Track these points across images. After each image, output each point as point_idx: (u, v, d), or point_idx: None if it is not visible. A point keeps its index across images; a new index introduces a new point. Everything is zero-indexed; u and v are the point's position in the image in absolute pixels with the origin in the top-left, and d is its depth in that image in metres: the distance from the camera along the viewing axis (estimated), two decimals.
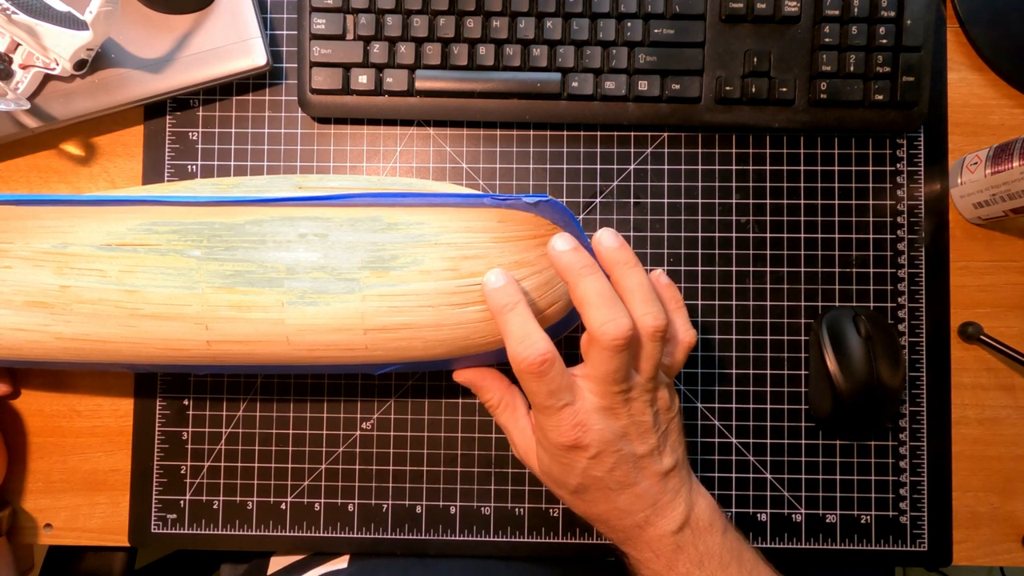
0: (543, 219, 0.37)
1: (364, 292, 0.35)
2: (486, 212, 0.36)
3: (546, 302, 0.37)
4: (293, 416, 0.46)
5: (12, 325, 0.36)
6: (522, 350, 0.33)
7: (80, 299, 0.35)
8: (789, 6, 0.44)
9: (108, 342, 0.36)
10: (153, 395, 0.46)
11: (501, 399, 0.40)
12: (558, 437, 0.34)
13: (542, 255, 0.37)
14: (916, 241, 0.46)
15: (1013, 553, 0.46)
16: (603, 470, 0.35)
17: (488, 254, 0.35)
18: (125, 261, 0.35)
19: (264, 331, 0.35)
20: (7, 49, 0.41)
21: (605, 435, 0.34)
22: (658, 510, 0.36)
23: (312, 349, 0.36)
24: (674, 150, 0.47)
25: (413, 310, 0.35)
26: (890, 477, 0.46)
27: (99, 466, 0.46)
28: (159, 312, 0.35)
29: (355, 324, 0.35)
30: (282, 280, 0.35)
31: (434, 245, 0.35)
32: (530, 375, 0.33)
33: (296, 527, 0.46)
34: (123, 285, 0.35)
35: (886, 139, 0.47)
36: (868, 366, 0.42)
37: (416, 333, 0.35)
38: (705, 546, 0.36)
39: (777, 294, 0.46)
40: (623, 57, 0.44)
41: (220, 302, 0.35)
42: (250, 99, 0.47)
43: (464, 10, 0.44)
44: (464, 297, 0.35)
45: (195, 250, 0.35)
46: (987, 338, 0.45)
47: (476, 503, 0.46)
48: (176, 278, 0.35)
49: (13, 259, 0.35)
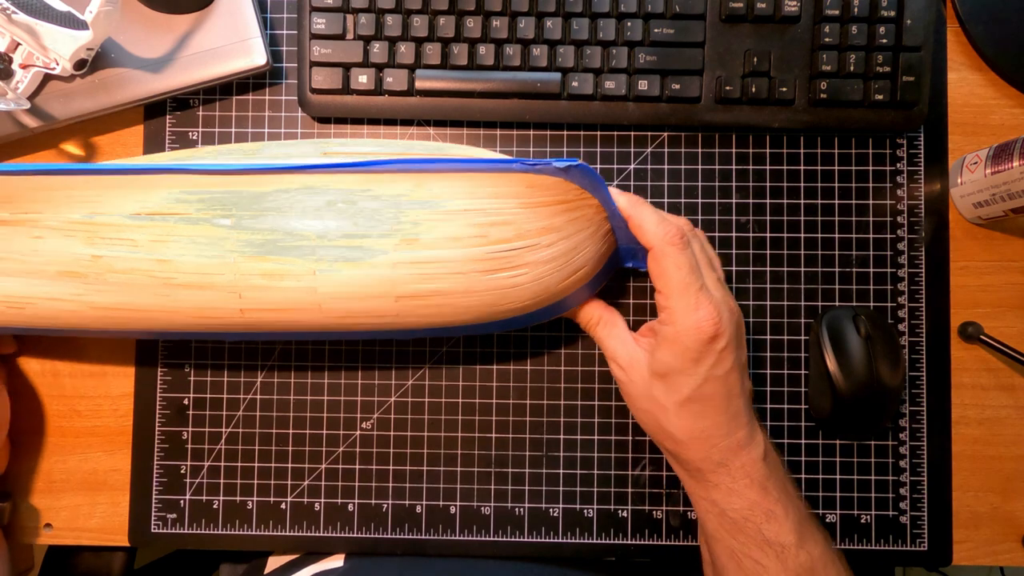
0: (571, 184, 0.37)
1: (394, 259, 0.35)
2: (515, 177, 0.36)
3: (572, 267, 0.38)
4: (293, 416, 0.46)
5: (47, 295, 0.36)
6: (666, 226, 0.37)
7: (112, 269, 0.35)
8: (789, 6, 0.44)
9: (142, 311, 0.36)
10: (154, 395, 0.46)
11: (600, 316, 0.41)
12: (700, 322, 0.35)
13: (570, 221, 0.37)
14: (916, 241, 0.46)
15: (1013, 553, 0.46)
16: (724, 368, 0.36)
17: (516, 220, 0.36)
18: (155, 231, 0.35)
19: (297, 299, 0.35)
20: (7, 49, 0.41)
21: (729, 326, 0.36)
22: (752, 431, 0.37)
23: (344, 316, 0.36)
24: (674, 150, 0.47)
25: (443, 277, 0.35)
26: (890, 477, 0.45)
27: (99, 466, 0.46)
28: (192, 281, 0.35)
29: (386, 291, 0.35)
30: (313, 248, 0.35)
31: (463, 212, 0.35)
32: (677, 246, 0.36)
33: (296, 527, 0.46)
34: (154, 255, 0.35)
35: (886, 139, 0.47)
36: (868, 366, 0.42)
37: (446, 300, 0.36)
38: (781, 474, 0.37)
39: (777, 294, 0.46)
40: (623, 57, 0.44)
41: (252, 271, 0.35)
42: (250, 99, 0.47)
43: (464, 10, 0.44)
44: (494, 263, 0.35)
45: (225, 219, 0.35)
46: (987, 338, 0.45)
47: (476, 503, 0.46)
48: (207, 247, 0.35)
49: (43, 229, 0.36)
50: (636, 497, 0.46)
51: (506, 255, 0.35)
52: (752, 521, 0.36)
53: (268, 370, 0.46)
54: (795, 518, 0.36)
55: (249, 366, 0.46)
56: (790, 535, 0.35)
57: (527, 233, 0.36)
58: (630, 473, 0.46)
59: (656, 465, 0.46)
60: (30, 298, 0.36)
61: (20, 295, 0.36)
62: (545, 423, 0.46)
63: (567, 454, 0.46)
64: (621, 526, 0.46)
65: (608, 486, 0.46)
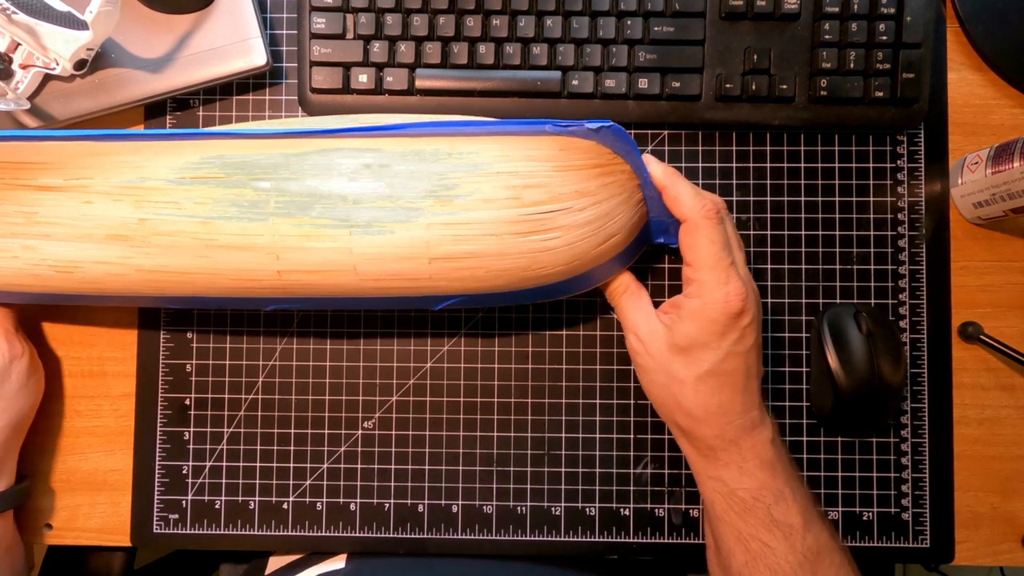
0: (604, 148, 0.37)
1: (429, 220, 0.35)
2: (547, 140, 0.37)
3: (606, 233, 0.38)
4: (295, 416, 0.46)
5: (95, 259, 0.37)
6: (702, 199, 0.37)
7: (157, 231, 0.37)
8: (789, 3, 0.44)
9: (185, 273, 0.37)
10: (155, 395, 0.46)
11: (628, 286, 0.41)
12: (729, 296, 0.36)
13: (603, 185, 0.37)
14: (917, 238, 0.46)
15: (1013, 553, 0.46)
16: (747, 344, 0.37)
17: (550, 183, 0.36)
18: (198, 193, 0.36)
19: (333, 260, 0.36)
20: (7, 49, 0.41)
21: (754, 305, 0.37)
22: (763, 413, 0.38)
23: (379, 279, 0.37)
24: (674, 148, 0.47)
25: (477, 239, 0.36)
26: (892, 474, 0.46)
27: (99, 466, 0.46)
28: (232, 242, 0.36)
29: (420, 253, 0.36)
30: (349, 210, 0.36)
31: (496, 174, 0.36)
32: (712, 220, 0.37)
33: (298, 527, 0.46)
34: (197, 217, 0.36)
35: (886, 136, 0.47)
36: (869, 363, 0.42)
37: (480, 262, 0.36)
38: (788, 458, 0.38)
39: (778, 291, 0.46)
40: (623, 55, 0.44)
41: (290, 231, 0.36)
42: (250, 99, 0.47)
43: (464, 9, 0.44)
44: (527, 226, 0.36)
45: (264, 181, 0.36)
46: (987, 338, 0.45)
47: (478, 502, 0.46)
48: (247, 209, 0.36)
49: (93, 194, 0.37)
50: (638, 495, 0.46)
51: (540, 217, 0.36)
52: (762, 501, 0.36)
53: (270, 370, 0.46)
54: (803, 502, 0.36)
55: (251, 367, 0.46)
56: (798, 517, 0.35)
57: (560, 196, 0.36)
58: (632, 471, 0.46)
59: (658, 463, 0.46)
60: (79, 262, 0.37)
61: (69, 259, 0.37)
62: (547, 421, 0.46)
63: (569, 452, 0.46)
64: (623, 524, 0.46)
65: (610, 484, 0.46)
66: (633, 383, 0.46)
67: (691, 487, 0.46)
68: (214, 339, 0.46)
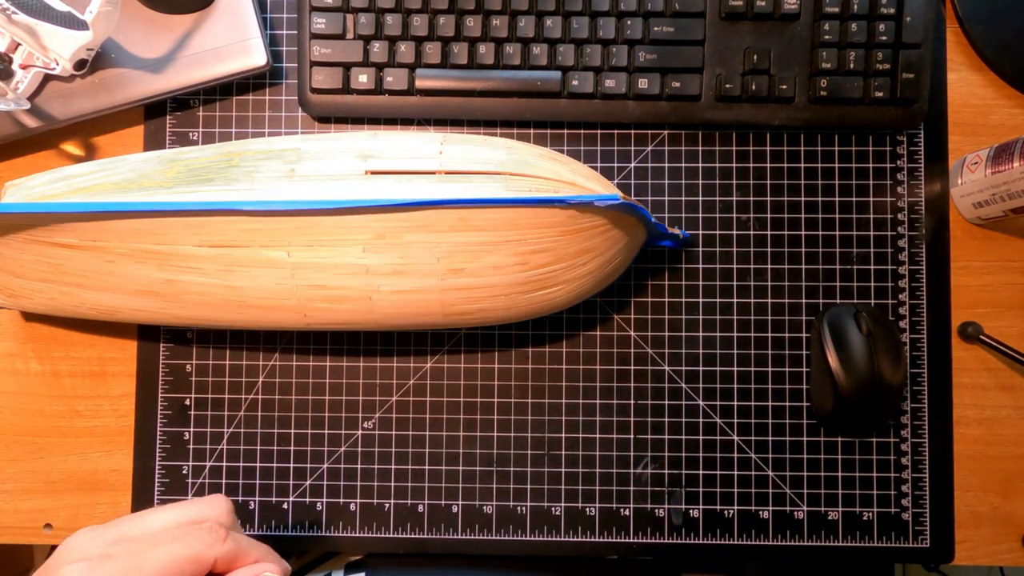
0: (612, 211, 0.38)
1: (442, 287, 0.38)
2: (558, 210, 0.37)
3: (606, 275, 0.41)
4: (295, 416, 0.46)
5: (131, 307, 0.40)
6: None
7: (188, 291, 0.38)
8: (789, 4, 0.44)
9: (220, 320, 0.40)
10: (155, 395, 0.46)
11: None
12: None
13: (606, 239, 0.39)
14: (917, 238, 0.46)
15: (1013, 553, 0.46)
16: None
17: (556, 246, 0.38)
18: (221, 261, 0.37)
19: (356, 317, 0.39)
20: (7, 49, 0.41)
21: None
22: None
23: (397, 326, 0.41)
24: (674, 148, 0.47)
25: (487, 299, 0.39)
26: (892, 474, 0.46)
27: (99, 466, 0.46)
28: (261, 304, 0.39)
29: (436, 311, 0.39)
30: (367, 277, 0.37)
31: (505, 243, 0.37)
32: None
33: (298, 527, 0.46)
34: (224, 281, 0.38)
35: (886, 136, 0.47)
36: (869, 363, 0.42)
37: (490, 315, 0.40)
38: None
39: (778, 291, 0.46)
40: (623, 55, 0.44)
41: (314, 296, 0.38)
42: (250, 99, 0.47)
43: (464, 9, 0.44)
44: (533, 285, 0.39)
45: (282, 251, 0.37)
46: (987, 338, 0.45)
47: (478, 502, 0.46)
48: (272, 276, 0.37)
49: (114, 255, 0.38)
50: (638, 495, 0.46)
51: (545, 276, 0.38)
52: None
53: (270, 370, 0.46)
54: None
55: (251, 367, 0.46)
56: None
57: (565, 256, 0.38)
58: (632, 471, 0.46)
59: (658, 463, 0.46)
60: (117, 308, 0.40)
61: (108, 306, 0.40)
62: (547, 422, 0.46)
63: (569, 452, 0.46)
64: (623, 524, 0.45)
65: (610, 484, 0.46)
66: (633, 383, 0.46)
67: (691, 487, 0.46)
68: (214, 339, 0.46)
